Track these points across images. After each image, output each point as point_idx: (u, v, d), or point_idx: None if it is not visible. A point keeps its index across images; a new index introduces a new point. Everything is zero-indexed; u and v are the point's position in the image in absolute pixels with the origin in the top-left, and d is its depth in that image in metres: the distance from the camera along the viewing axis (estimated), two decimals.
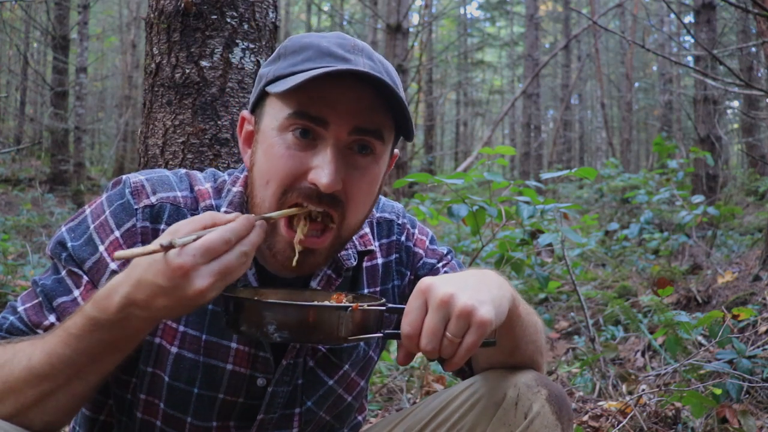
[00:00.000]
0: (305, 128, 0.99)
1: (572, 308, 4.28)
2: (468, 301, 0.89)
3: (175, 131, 1.88)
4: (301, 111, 0.98)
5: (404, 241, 1.28)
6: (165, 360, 1.09)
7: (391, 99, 0.99)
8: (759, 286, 3.42)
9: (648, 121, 20.22)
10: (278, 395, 1.14)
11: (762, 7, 3.30)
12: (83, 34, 11.68)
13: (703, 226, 6.41)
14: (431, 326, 0.89)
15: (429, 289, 0.91)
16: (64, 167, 11.95)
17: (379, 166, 1.06)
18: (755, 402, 2.29)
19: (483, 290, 0.94)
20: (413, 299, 0.93)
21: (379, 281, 1.25)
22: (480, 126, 27.09)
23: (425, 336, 0.90)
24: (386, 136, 1.04)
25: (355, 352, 1.21)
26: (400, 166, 9.25)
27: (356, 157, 1.02)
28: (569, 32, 16.47)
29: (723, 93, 8.31)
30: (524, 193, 2.89)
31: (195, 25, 1.87)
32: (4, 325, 1.04)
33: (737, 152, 17.62)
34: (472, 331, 0.89)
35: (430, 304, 0.90)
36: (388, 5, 9.56)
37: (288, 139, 1.00)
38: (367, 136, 1.01)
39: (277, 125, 1.01)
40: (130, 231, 1.06)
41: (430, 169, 18.94)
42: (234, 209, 1.10)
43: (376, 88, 0.98)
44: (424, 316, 0.91)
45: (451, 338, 0.89)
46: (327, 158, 0.98)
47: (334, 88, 0.97)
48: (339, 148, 0.99)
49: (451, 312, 0.89)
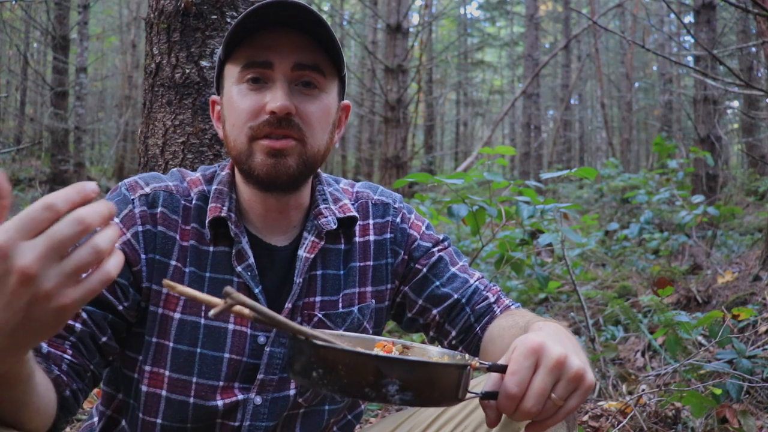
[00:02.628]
0: (255, 76, 1.13)
1: (572, 308, 4.28)
2: (580, 365, 0.87)
3: (175, 131, 1.88)
4: (248, 62, 1.13)
5: (399, 223, 1.33)
6: (169, 327, 1.15)
7: (324, 38, 1.13)
8: (759, 286, 3.42)
9: (648, 121, 20.22)
10: (276, 356, 1.18)
11: (762, 7, 3.30)
12: (83, 34, 11.68)
13: (703, 226, 6.41)
14: (542, 387, 0.85)
15: (542, 348, 0.87)
16: (64, 167, 11.95)
17: (328, 96, 1.18)
18: (755, 402, 2.29)
19: (581, 352, 0.93)
20: (522, 358, 0.87)
21: (371, 257, 1.29)
22: (480, 126, 27.09)
23: (533, 397, 0.85)
24: (326, 71, 1.16)
25: (349, 318, 1.25)
26: (400, 166, 9.24)
27: (303, 90, 1.15)
28: (569, 32, 16.48)
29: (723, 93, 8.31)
30: (524, 193, 2.89)
31: (195, 25, 1.87)
32: None
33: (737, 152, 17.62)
34: (577, 395, 0.88)
35: (544, 364, 0.86)
36: (388, 5, 9.56)
37: (243, 88, 1.14)
38: (307, 70, 1.14)
39: (234, 80, 1.15)
40: (128, 215, 1.14)
41: (430, 169, 18.95)
42: (223, 187, 1.21)
43: (309, 33, 1.13)
44: (532, 376, 0.87)
45: (555, 400, 0.86)
46: (277, 90, 1.12)
47: (271, 36, 1.12)
48: (285, 82, 1.13)
49: (563, 375, 0.86)
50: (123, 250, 1.12)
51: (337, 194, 1.31)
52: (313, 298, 1.23)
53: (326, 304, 1.24)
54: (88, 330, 1.07)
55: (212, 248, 1.18)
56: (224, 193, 1.20)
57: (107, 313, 1.10)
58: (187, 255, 1.17)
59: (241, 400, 1.16)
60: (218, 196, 1.20)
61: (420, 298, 1.30)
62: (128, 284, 1.12)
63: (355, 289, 1.27)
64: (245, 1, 1.90)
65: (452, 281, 1.30)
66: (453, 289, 1.29)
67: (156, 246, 1.15)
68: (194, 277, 1.16)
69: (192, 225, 1.18)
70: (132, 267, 1.13)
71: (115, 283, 1.11)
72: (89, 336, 1.08)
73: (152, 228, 1.15)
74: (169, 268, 1.15)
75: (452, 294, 1.29)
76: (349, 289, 1.26)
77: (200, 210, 1.19)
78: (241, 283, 1.18)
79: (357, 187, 1.37)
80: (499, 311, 1.28)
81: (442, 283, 1.30)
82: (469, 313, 1.28)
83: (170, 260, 1.15)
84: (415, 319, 1.33)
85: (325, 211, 1.25)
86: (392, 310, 1.35)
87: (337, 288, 1.25)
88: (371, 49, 13.89)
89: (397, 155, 9.23)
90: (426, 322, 1.32)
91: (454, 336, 1.29)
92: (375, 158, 16.87)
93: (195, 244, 1.18)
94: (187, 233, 1.18)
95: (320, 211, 1.25)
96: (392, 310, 1.36)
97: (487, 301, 1.29)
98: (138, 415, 1.16)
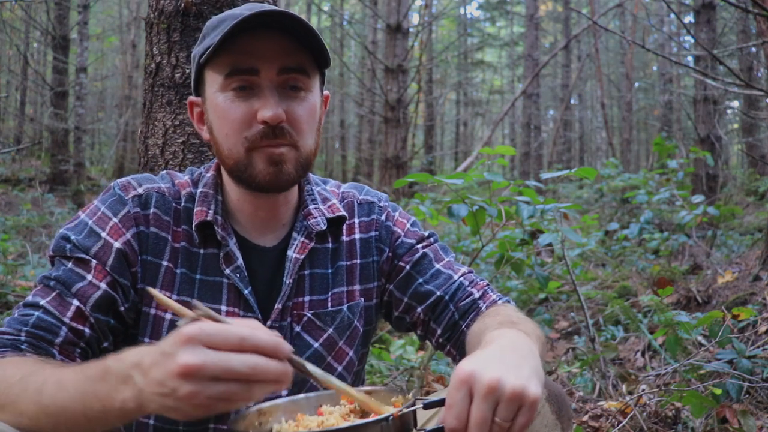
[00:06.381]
0: (241, 85, 1.12)
1: (572, 308, 4.28)
2: (516, 383, 0.84)
3: (175, 131, 1.88)
4: (233, 69, 1.11)
5: (384, 221, 1.34)
6: (161, 328, 1.16)
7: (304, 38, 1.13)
8: (759, 286, 3.42)
9: (648, 121, 20.21)
10: None
11: (762, 7, 3.30)
12: (83, 34, 11.67)
13: (703, 226, 6.41)
14: (480, 416, 0.83)
15: (472, 377, 0.85)
16: (64, 167, 11.95)
17: (313, 95, 1.18)
18: (755, 402, 2.29)
19: (523, 365, 0.90)
20: (454, 390, 0.85)
21: (358, 255, 1.30)
22: (480, 126, 27.08)
23: (475, 427, 0.84)
24: (310, 71, 1.17)
25: (339, 317, 1.25)
26: (400, 166, 9.24)
27: (290, 93, 1.15)
28: (569, 32, 16.47)
29: (723, 93, 8.32)
30: (524, 193, 2.89)
31: (195, 25, 1.87)
32: (30, 321, 1.05)
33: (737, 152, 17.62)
34: (523, 412, 0.85)
35: (476, 392, 0.84)
36: (388, 5, 9.55)
37: (229, 96, 1.13)
38: (293, 73, 1.14)
39: (218, 88, 1.14)
40: (126, 216, 1.16)
41: (430, 169, 18.94)
42: (208, 189, 1.22)
43: (290, 34, 1.12)
44: (468, 406, 0.85)
45: (500, 423, 0.84)
46: (266, 98, 1.11)
47: (255, 41, 1.11)
48: (274, 89, 1.13)
49: (500, 397, 0.84)
50: (124, 250, 1.13)
51: (325, 194, 1.31)
52: (302, 298, 1.23)
53: (315, 304, 1.24)
54: (95, 335, 1.09)
55: (202, 251, 1.19)
56: (210, 195, 1.21)
57: (110, 318, 1.11)
58: (178, 256, 1.18)
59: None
60: (203, 199, 1.20)
61: (405, 296, 1.30)
62: (129, 285, 1.14)
63: (343, 287, 1.28)
64: (245, 1, 1.90)
65: (435, 278, 1.29)
66: (436, 286, 1.28)
67: (148, 247, 1.16)
68: (185, 279, 1.17)
69: (183, 227, 1.20)
70: (131, 267, 1.14)
71: (117, 283, 1.12)
72: (95, 341, 1.10)
73: (145, 229, 1.16)
74: (160, 268, 1.16)
75: (435, 291, 1.28)
76: (337, 287, 1.27)
77: (189, 212, 1.20)
78: (230, 284, 1.18)
79: (343, 187, 1.38)
80: (485, 307, 1.26)
81: (425, 280, 1.29)
82: (453, 310, 1.27)
83: (162, 261, 1.17)
84: (402, 317, 1.33)
85: (314, 211, 1.26)
86: (382, 308, 1.36)
87: (326, 287, 1.26)
88: (371, 49, 13.88)
89: (397, 155, 9.23)
90: (412, 321, 1.32)
91: (440, 334, 1.28)
92: (375, 158, 16.87)
93: (186, 246, 1.19)
94: (179, 235, 1.19)
95: (309, 211, 1.26)
96: (382, 309, 1.36)
97: (471, 298, 1.27)
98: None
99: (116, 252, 1.12)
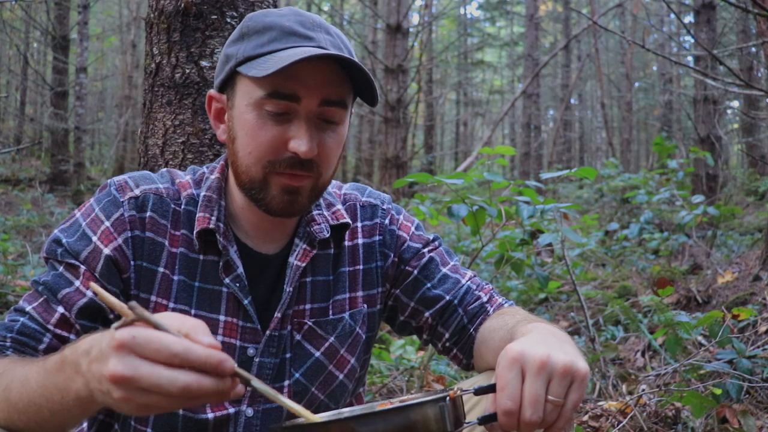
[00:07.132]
0: (279, 110, 1.07)
1: (572, 308, 4.28)
2: (565, 358, 0.86)
3: (175, 131, 1.88)
4: (275, 91, 1.06)
5: (388, 225, 1.31)
6: None
7: (352, 70, 1.09)
8: (759, 286, 3.42)
9: (648, 121, 20.21)
10: (265, 366, 1.16)
11: (762, 7, 3.30)
12: (83, 34, 11.67)
13: (703, 226, 6.42)
14: (534, 394, 0.84)
15: (522, 356, 0.86)
16: (64, 167, 11.96)
17: (344, 128, 1.15)
18: (755, 402, 2.29)
19: (566, 345, 0.92)
20: (506, 370, 0.86)
21: (360, 260, 1.27)
22: (480, 126, 27.09)
23: (530, 406, 0.84)
24: (348, 103, 1.13)
25: (341, 325, 1.23)
26: (400, 166, 9.24)
27: (324, 125, 1.11)
28: (569, 32, 16.47)
29: (723, 93, 8.32)
30: (524, 193, 2.89)
31: (195, 25, 1.87)
32: (15, 327, 1.05)
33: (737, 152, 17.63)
34: (575, 388, 0.86)
35: (528, 370, 0.85)
36: (388, 5, 9.56)
37: (264, 115, 1.08)
38: (333, 106, 1.10)
39: (252, 102, 1.08)
40: (119, 220, 1.12)
41: (430, 169, 18.94)
42: (212, 194, 1.17)
43: (339, 63, 1.08)
44: (521, 385, 0.85)
45: (554, 401, 0.85)
46: (302, 129, 1.07)
47: (302, 67, 1.05)
48: (310, 119, 1.08)
49: (552, 373, 0.85)
50: (114, 257, 1.10)
51: (330, 198, 1.28)
52: (303, 305, 1.21)
53: (316, 312, 1.22)
54: None
55: (202, 257, 1.15)
56: (213, 200, 1.16)
57: (98, 325, 1.09)
58: (176, 262, 1.14)
59: (233, 413, 1.14)
60: (207, 204, 1.16)
61: (412, 301, 1.29)
62: (119, 292, 1.11)
63: (345, 294, 1.25)
64: (245, 1, 1.90)
65: (443, 282, 1.28)
66: (444, 291, 1.27)
67: (144, 252, 1.12)
68: (183, 286, 1.14)
69: (182, 231, 1.15)
70: (122, 274, 1.11)
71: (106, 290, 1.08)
72: None
73: (140, 233, 1.12)
74: (156, 275, 1.13)
75: (444, 295, 1.27)
76: (339, 295, 1.24)
77: (190, 215, 1.16)
78: (230, 294, 1.15)
79: (344, 188, 1.34)
80: (492, 310, 1.26)
81: (433, 285, 1.28)
82: (461, 314, 1.26)
83: (158, 267, 1.13)
84: (407, 322, 1.32)
85: (318, 217, 1.23)
86: (385, 313, 1.34)
87: (327, 294, 1.23)
88: (371, 49, 13.88)
89: (397, 155, 9.23)
90: (419, 325, 1.31)
91: (448, 338, 1.28)
92: (375, 158, 16.87)
93: (185, 251, 1.15)
94: (177, 239, 1.15)
95: (313, 217, 1.23)
96: (385, 314, 1.34)
97: (479, 301, 1.27)
98: (130, 423, 1.15)
99: (105, 258, 1.09)
